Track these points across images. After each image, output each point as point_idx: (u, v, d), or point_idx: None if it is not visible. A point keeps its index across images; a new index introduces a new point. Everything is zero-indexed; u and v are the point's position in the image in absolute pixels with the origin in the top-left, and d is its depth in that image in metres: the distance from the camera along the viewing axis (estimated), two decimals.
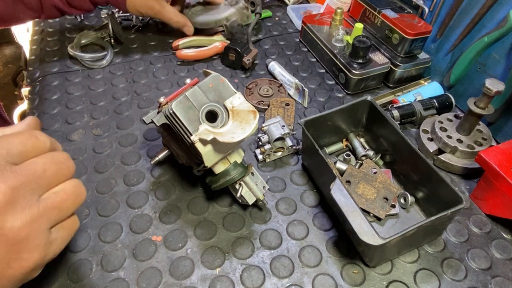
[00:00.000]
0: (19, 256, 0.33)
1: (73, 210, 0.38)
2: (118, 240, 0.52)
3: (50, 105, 0.72)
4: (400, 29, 0.73)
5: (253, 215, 0.55)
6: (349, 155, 0.63)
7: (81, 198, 0.39)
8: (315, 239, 0.53)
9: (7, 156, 0.33)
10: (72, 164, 0.39)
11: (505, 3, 0.61)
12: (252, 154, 0.64)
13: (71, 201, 0.37)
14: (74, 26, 0.93)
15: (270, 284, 0.48)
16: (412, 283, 0.49)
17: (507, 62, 0.63)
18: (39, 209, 0.33)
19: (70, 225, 0.38)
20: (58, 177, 0.37)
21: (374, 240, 0.42)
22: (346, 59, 0.75)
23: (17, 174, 0.33)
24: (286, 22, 0.98)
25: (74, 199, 0.37)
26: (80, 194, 0.38)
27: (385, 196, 0.56)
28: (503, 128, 0.66)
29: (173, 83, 0.78)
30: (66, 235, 0.38)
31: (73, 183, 0.38)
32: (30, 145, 0.35)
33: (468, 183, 0.61)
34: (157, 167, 0.61)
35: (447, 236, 0.54)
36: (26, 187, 0.33)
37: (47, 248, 0.35)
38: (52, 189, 0.36)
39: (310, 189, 0.59)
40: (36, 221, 0.33)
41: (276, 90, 0.76)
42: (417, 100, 0.70)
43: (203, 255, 0.51)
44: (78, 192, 0.38)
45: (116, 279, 0.48)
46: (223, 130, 0.45)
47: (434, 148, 0.63)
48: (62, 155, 0.38)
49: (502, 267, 0.50)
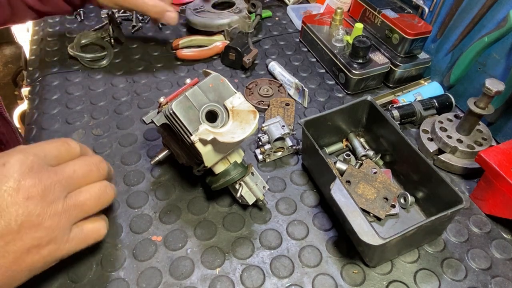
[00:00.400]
0: (38, 244, 0.37)
1: (95, 210, 0.42)
2: (118, 240, 0.52)
3: (50, 105, 0.72)
4: (400, 29, 0.73)
5: (253, 215, 0.55)
6: (349, 155, 0.63)
7: (105, 199, 0.43)
8: (315, 239, 0.53)
9: (45, 158, 0.39)
10: (103, 167, 0.44)
11: (505, 3, 0.61)
12: (252, 154, 0.64)
13: (93, 201, 0.41)
14: (74, 26, 0.93)
15: (270, 284, 0.48)
16: (412, 283, 0.49)
17: (507, 62, 0.63)
18: (63, 206, 0.38)
19: (89, 230, 0.42)
20: (87, 178, 0.42)
21: (374, 240, 0.42)
22: (346, 59, 0.75)
23: (51, 173, 0.38)
24: (286, 22, 0.98)
25: (98, 199, 0.42)
26: (105, 195, 0.43)
27: (385, 196, 0.56)
28: (503, 128, 0.66)
29: (173, 83, 0.78)
30: (83, 238, 0.41)
31: (100, 185, 0.43)
32: (63, 150, 0.42)
33: (468, 183, 0.61)
34: (157, 167, 0.61)
35: (447, 236, 0.54)
36: (57, 185, 0.38)
37: (62, 244, 0.39)
38: (79, 189, 0.41)
39: (310, 189, 0.59)
40: (58, 215, 0.38)
41: (276, 90, 0.76)
42: (417, 100, 0.70)
43: (203, 255, 0.51)
44: (102, 194, 0.42)
45: (116, 279, 0.48)
46: (223, 130, 0.45)
47: (434, 148, 0.63)
48: (93, 159, 0.43)
49: (502, 267, 0.50)
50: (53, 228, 0.37)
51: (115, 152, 0.63)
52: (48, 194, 0.37)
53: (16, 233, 0.35)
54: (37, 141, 0.65)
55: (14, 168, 0.36)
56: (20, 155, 0.37)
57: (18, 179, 0.36)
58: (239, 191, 0.51)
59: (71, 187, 0.40)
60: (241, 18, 0.87)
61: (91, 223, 0.42)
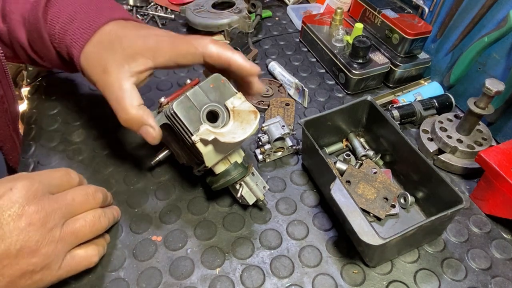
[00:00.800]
0: (33, 269, 0.38)
1: (89, 237, 0.43)
2: (118, 240, 0.52)
3: (50, 105, 0.72)
4: (400, 29, 0.73)
5: (253, 215, 0.55)
6: (349, 155, 0.63)
7: (99, 227, 0.44)
8: (315, 239, 0.53)
9: (48, 186, 0.41)
10: (99, 196, 0.45)
11: (505, 3, 0.61)
12: (252, 154, 0.64)
13: (88, 229, 0.43)
14: None
15: (270, 284, 0.48)
16: (412, 283, 0.49)
17: (507, 62, 0.63)
18: (61, 233, 0.40)
19: (81, 258, 0.43)
20: (83, 206, 0.43)
21: (374, 240, 0.42)
22: (346, 59, 0.75)
23: (52, 201, 0.40)
24: (286, 22, 0.98)
25: (92, 227, 0.43)
26: (99, 223, 0.44)
27: (385, 196, 0.56)
28: (503, 128, 0.66)
29: (173, 83, 0.78)
30: (74, 265, 0.42)
31: (94, 213, 0.44)
32: (65, 180, 0.44)
33: (468, 183, 0.61)
34: (157, 167, 0.61)
35: (447, 236, 0.54)
36: (57, 212, 0.39)
37: (54, 271, 0.40)
38: (76, 216, 0.42)
39: (310, 189, 0.59)
40: (55, 242, 0.39)
41: (276, 90, 0.76)
42: (417, 100, 0.70)
43: (203, 255, 0.51)
44: (96, 221, 0.44)
45: (116, 279, 0.48)
46: (224, 130, 0.45)
47: (434, 148, 0.63)
48: (89, 188, 0.45)
49: (502, 267, 0.50)
50: (49, 254, 0.38)
51: (115, 152, 0.63)
52: (49, 221, 0.38)
53: (14, 257, 0.36)
54: (37, 140, 0.65)
55: (20, 193, 0.37)
56: (27, 181, 0.38)
57: (23, 204, 0.37)
58: (240, 191, 0.51)
59: (69, 215, 0.41)
60: (241, 18, 0.87)
61: (83, 250, 0.43)
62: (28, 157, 0.62)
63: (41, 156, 0.62)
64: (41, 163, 0.61)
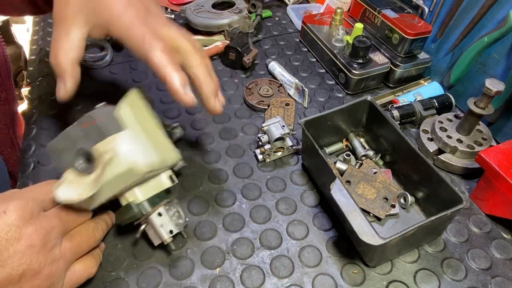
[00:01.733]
0: None
1: (86, 250, 0.44)
2: (118, 240, 0.52)
3: (50, 105, 0.72)
4: (400, 29, 0.73)
5: (253, 215, 0.55)
6: (349, 155, 0.63)
7: (95, 240, 0.45)
8: (315, 239, 0.53)
9: (42, 203, 0.40)
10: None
11: (505, 3, 0.61)
12: (252, 154, 0.64)
13: (85, 243, 0.43)
14: None
15: (270, 284, 0.48)
16: (412, 283, 0.49)
17: (507, 62, 0.63)
18: (60, 251, 0.39)
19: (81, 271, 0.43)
20: (77, 220, 0.43)
21: (374, 240, 0.42)
22: (346, 59, 0.75)
23: (49, 218, 0.39)
24: (286, 22, 0.98)
25: (88, 240, 0.43)
26: (93, 237, 0.44)
27: (385, 196, 0.56)
28: (503, 128, 0.66)
29: None
30: (76, 280, 0.42)
31: (87, 226, 0.44)
32: None
33: (468, 183, 0.61)
34: None
35: (447, 236, 0.54)
36: (56, 230, 0.39)
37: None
38: (70, 231, 0.42)
39: (310, 189, 0.59)
40: (57, 261, 0.38)
41: (276, 90, 0.76)
42: (417, 100, 0.70)
43: (203, 255, 0.51)
44: (91, 235, 0.44)
45: (116, 279, 0.48)
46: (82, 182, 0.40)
47: (434, 148, 0.63)
48: None
49: (502, 267, 0.50)
50: (51, 275, 0.38)
51: None
52: (49, 240, 0.38)
53: (16, 282, 0.35)
54: (37, 140, 0.65)
55: (15, 215, 0.36)
56: (19, 201, 0.37)
57: (20, 226, 0.36)
58: (139, 231, 0.45)
59: (65, 231, 0.41)
60: (241, 18, 0.87)
61: (82, 263, 0.43)
62: (28, 157, 0.62)
63: (41, 156, 0.62)
64: (41, 163, 0.61)
